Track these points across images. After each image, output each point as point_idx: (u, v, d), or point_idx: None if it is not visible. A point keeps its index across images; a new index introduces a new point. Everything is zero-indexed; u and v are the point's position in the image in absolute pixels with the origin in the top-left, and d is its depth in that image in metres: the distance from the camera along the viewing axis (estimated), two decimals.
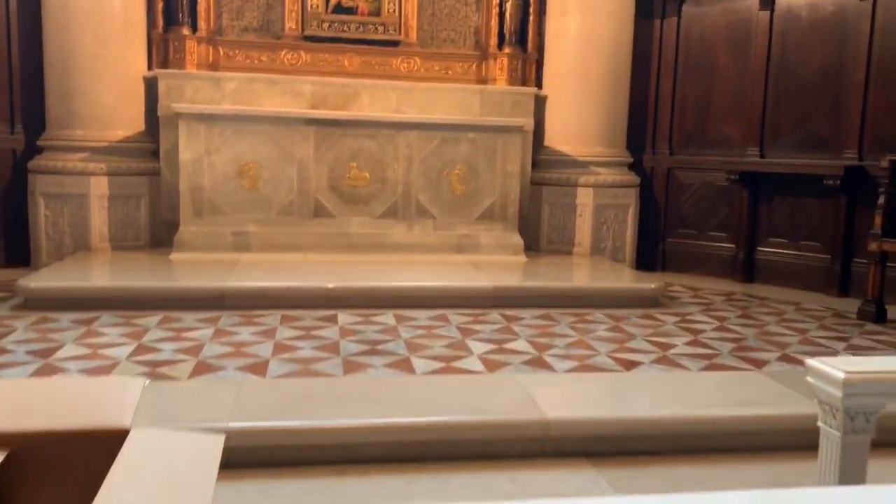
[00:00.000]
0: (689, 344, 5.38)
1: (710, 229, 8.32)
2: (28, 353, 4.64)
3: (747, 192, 7.90)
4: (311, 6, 8.28)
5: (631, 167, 8.42)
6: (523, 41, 8.58)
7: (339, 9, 8.39)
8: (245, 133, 7.24)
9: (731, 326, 5.98)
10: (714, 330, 5.85)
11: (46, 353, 4.64)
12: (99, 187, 7.28)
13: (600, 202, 8.11)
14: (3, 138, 7.42)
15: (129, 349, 4.78)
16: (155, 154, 7.80)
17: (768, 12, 7.70)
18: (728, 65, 8.06)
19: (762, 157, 7.84)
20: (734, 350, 5.25)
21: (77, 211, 7.26)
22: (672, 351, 5.16)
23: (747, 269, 7.98)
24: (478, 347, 5.05)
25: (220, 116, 7.20)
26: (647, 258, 8.51)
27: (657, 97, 8.48)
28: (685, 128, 8.40)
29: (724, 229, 8.23)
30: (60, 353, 4.64)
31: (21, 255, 7.47)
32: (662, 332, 5.69)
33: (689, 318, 6.24)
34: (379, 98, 8.18)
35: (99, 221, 7.34)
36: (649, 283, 6.91)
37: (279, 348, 4.90)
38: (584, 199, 8.10)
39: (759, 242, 7.97)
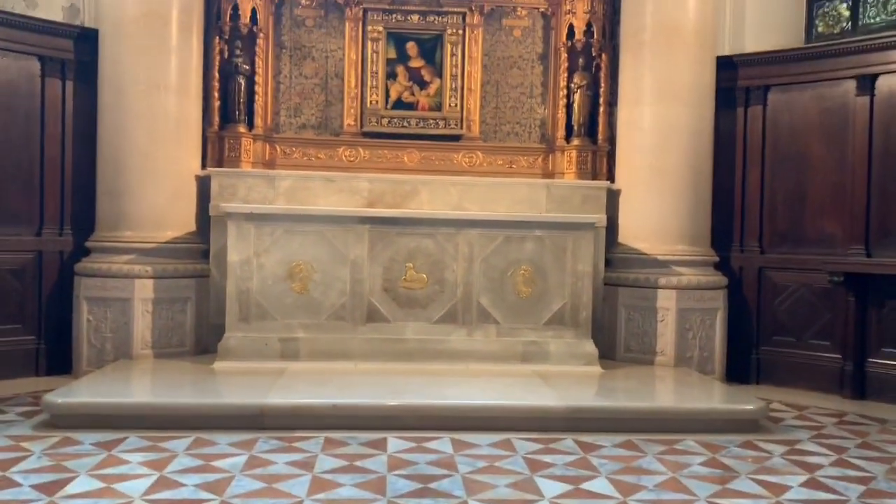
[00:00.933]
0: (805, 486, 4.44)
1: (811, 337, 7.35)
2: (34, 486, 4.09)
3: (853, 296, 6.96)
4: (371, 102, 7.99)
5: (717, 266, 7.61)
6: (593, 133, 8.05)
7: (399, 104, 8.08)
8: (296, 233, 6.81)
9: (852, 460, 5.00)
10: (833, 465, 4.89)
11: (54, 487, 4.07)
12: (143, 290, 6.91)
13: (684, 305, 7.28)
14: (51, 240, 7.19)
15: (147, 483, 4.17)
16: (205, 255, 7.45)
17: (867, 98, 6.98)
18: (823, 155, 7.30)
19: (869, 256, 6.94)
20: (864, 496, 4.28)
21: (120, 315, 6.88)
22: (786, 496, 4.24)
23: (857, 384, 6.96)
24: (549, 488, 4.25)
25: (270, 216, 6.81)
26: (739, 369, 7.57)
27: (744, 190, 7.73)
28: (777, 224, 7.58)
29: (827, 337, 7.25)
30: (69, 489, 4.06)
31: (63, 362, 7.12)
32: (770, 469, 4.77)
33: (798, 448, 5.28)
34: (439, 194, 7.70)
35: (142, 326, 6.93)
36: (748, 403, 5.98)
37: (317, 485, 4.21)
38: (666, 301, 7.29)
39: (870, 353, 6.96)
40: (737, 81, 7.69)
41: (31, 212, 7.11)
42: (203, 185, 7.46)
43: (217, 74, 7.66)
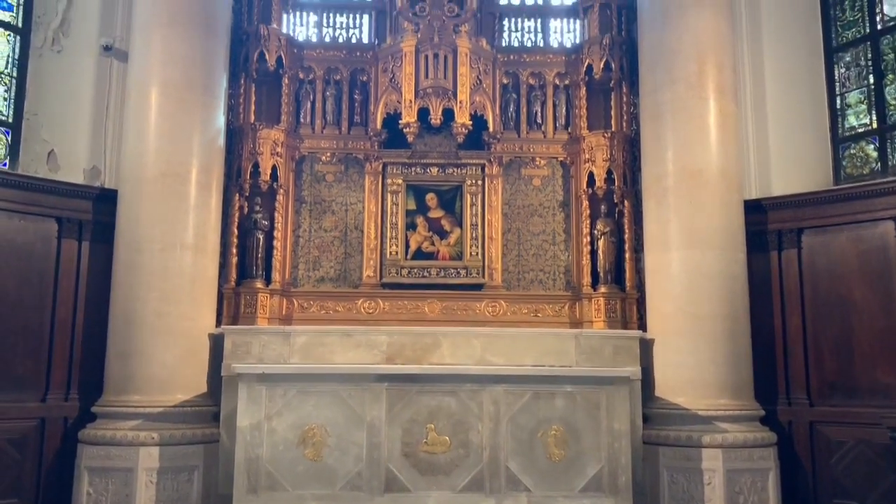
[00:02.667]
0: None
1: (877, 499, 6.64)
2: None
3: None
4: (390, 253, 7.84)
5: (763, 421, 7.03)
6: (620, 279, 7.76)
7: (419, 254, 7.92)
8: (310, 394, 6.44)
9: None
10: None
11: None
12: (148, 459, 6.48)
13: (732, 466, 6.66)
14: (56, 406, 6.89)
15: None
16: (215, 418, 7.06)
17: None
18: (867, 299, 6.90)
19: None
20: None
21: (122, 487, 6.43)
22: None
23: None
24: None
25: (283, 376, 6.50)
26: None
27: (785, 337, 7.29)
28: (824, 373, 7.07)
29: (894, 500, 6.54)
30: None
31: None
32: None
33: None
34: (461, 347, 7.34)
35: (145, 499, 6.44)
36: None
37: None
38: (712, 462, 6.67)
39: None
40: (767, 225, 7.45)
41: (38, 376, 6.86)
42: (216, 343, 7.19)
43: (236, 231, 7.60)
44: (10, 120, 7.32)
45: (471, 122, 7.72)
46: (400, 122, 7.70)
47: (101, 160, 7.44)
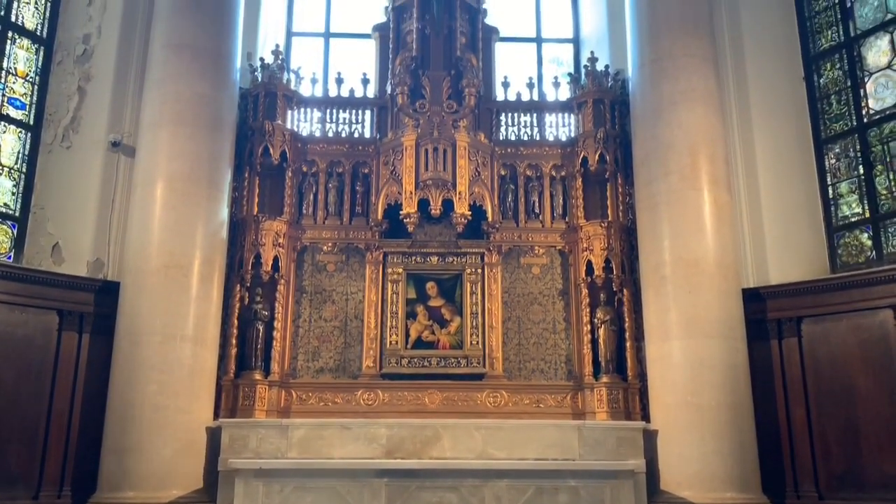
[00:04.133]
0: None
1: None
2: None
3: None
4: (390, 343, 7.82)
5: None
6: (622, 369, 7.72)
7: (419, 344, 7.89)
8: (308, 489, 6.31)
9: None
10: None
11: None
12: None
13: None
14: (48, 503, 6.70)
15: None
16: None
17: None
18: (871, 388, 6.85)
19: None
20: None
21: None
22: None
23: None
24: None
25: (280, 471, 6.37)
26: None
27: (790, 428, 7.20)
28: (832, 465, 6.95)
29: None
30: None
31: None
32: None
33: None
34: (462, 439, 7.22)
35: None
36: None
37: None
38: None
39: None
40: (766, 313, 7.47)
41: (31, 471, 6.73)
42: (214, 437, 7.09)
43: (236, 322, 7.61)
44: (17, 214, 7.44)
45: (470, 213, 7.85)
46: (401, 212, 7.84)
47: (105, 253, 7.52)
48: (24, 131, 7.62)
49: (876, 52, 7.63)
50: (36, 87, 7.77)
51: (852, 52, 7.79)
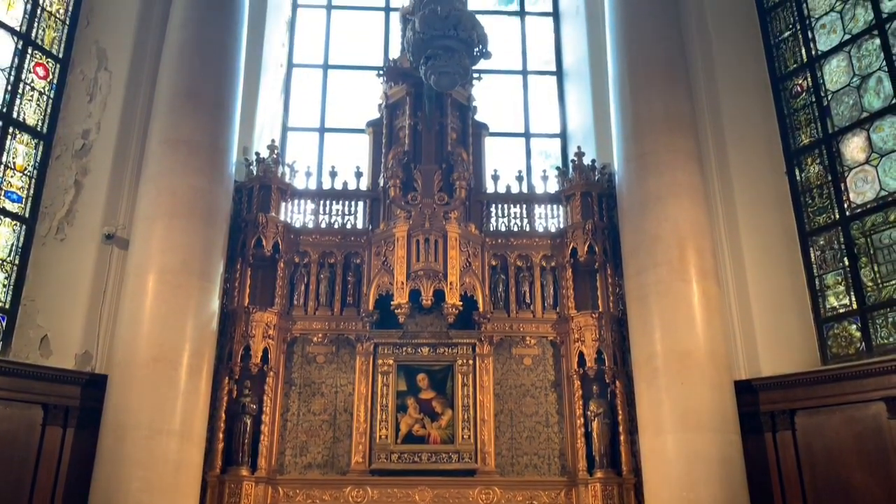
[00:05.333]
0: None
1: None
2: None
3: None
4: (380, 437, 7.69)
5: None
6: (616, 463, 7.60)
7: (409, 438, 7.77)
8: None
9: None
10: None
11: None
12: None
13: None
14: None
15: None
16: None
17: None
18: (868, 484, 6.75)
19: None
20: None
21: None
22: None
23: None
24: None
25: None
26: None
27: None
28: None
29: None
30: None
31: None
32: None
33: None
34: None
35: None
36: None
37: None
38: None
39: None
40: (759, 406, 7.42)
41: None
42: None
43: (223, 415, 7.51)
44: (7, 306, 7.42)
45: (461, 303, 7.88)
46: (392, 303, 7.85)
47: (94, 345, 7.45)
48: (19, 224, 7.68)
49: (854, 148, 7.86)
50: (33, 180, 7.89)
51: (831, 148, 8.03)
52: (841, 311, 7.69)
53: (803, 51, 8.54)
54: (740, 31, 8.96)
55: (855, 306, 7.58)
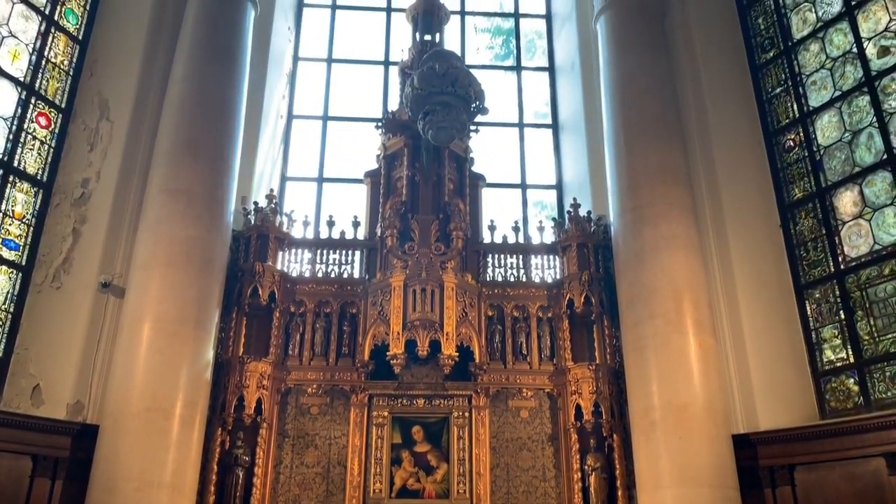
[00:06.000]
0: None
1: None
2: None
3: None
4: (374, 491, 7.58)
5: None
6: None
7: (404, 492, 7.67)
8: None
9: None
10: None
11: None
12: None
13: None
14: None
15: None
16: None
17: None
18: None
19: None
20: None
21: None
22: None
23: None
24: None
25: None
26: None
27: None
28: None
29: None
30: None
31: None
32: None
33: None
34: None
35: None
36: None
37: None
38: None
39: None
40: (758, 460, 7.32)
41: None
42: None
43: (215, 467, 7.40)
44: (1, 355, 7.35)
45: (457, 354, 7.84)
46: (387, 353, 7.81)
47: (86, 395, 7.37)
48: (15, 272, 7.67)
49: (847, 202, 7.93)
50: (31, 228, 7.90)
51: (825, 202, 8.09)
52: (838, 364, 7.65)
53: (795, 106, 8.68)
54: (733, 86, 9.12)
55: (852, 360, 7.55)
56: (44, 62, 8.38)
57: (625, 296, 8.04)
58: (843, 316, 7.72)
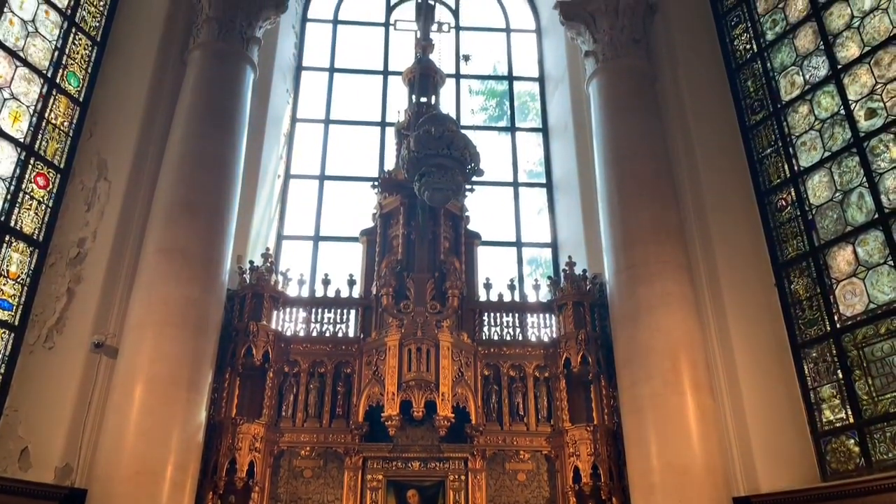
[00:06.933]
0: None
1: None
2: None
3: None
4: None
5: None
6: None
7: None
8: None
9: None
10: None
11: None
12: None
13: None
14: None
15: None
16: None
17: None
18: None
19: None
20: None
21: None
22: None
23: None
24: None
25: None
26: None
27: None
28: None
29: None
30: None
31: None
32: None
33: None
34: None
35: None
36: None
37: None
38: None
39: None
40: None
41: None
42: None
43: None
44: None
45: (453, 415, 7.74)
46: (382, 414, 7.71)
47: (76, 458, 7.22)
48: (7, 332, 7.60)
49: (841, 261, 7.95)
50: (26, 287, 7.86)
51: (818, 261, 8.12)
52: (838, 425, 7.56)
53: (786, 166, 8.78)
54: (725, 146, 9.24)
55: (852, 420, 7.47)
56: (44, 123, 8.47)
57: (621, 355, 8.00)
58: (840, 375, 7.66)
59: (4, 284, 7.74)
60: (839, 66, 8.45)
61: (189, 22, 9.61)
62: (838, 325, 7.80)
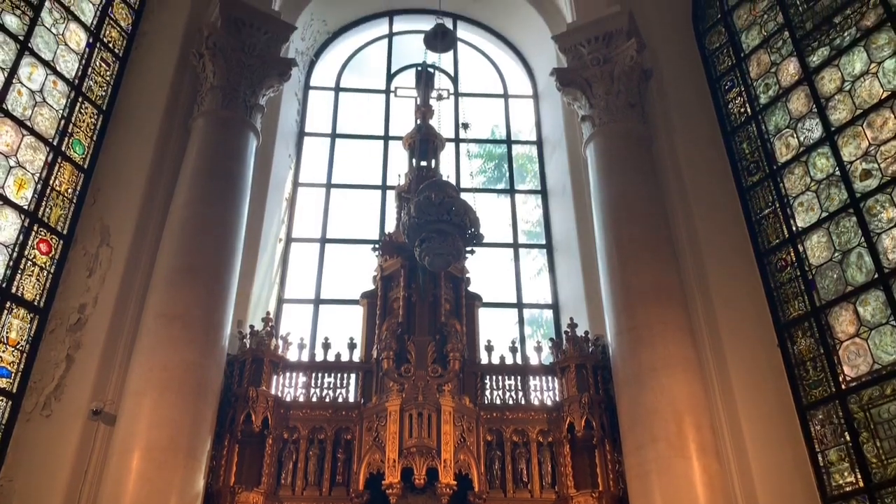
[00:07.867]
0: None
1: None
2: None
3: None
4: None
5: None
6: None
7: None
8: None
9: None
10: None
11: None
12: None
13: None
14: None
15: None
16: None
17: None
18: None
19: None
20: None
21: None
22: None
23: None
24: None
25: None
26: None
27: None
28: None
29: None
30: None
31: None
32: None
33: None
34: None
35: None
36: None
37: None
38: None
39: None
40: None
41: None
42: None
43: None
44: None
45: (455, 483, 7.59)
46: (383, 482, 7.56)
47: None
48: (5, 399, 7.52)
49: (843, 321, 7.92)
50: (25, 354, 7.82)
51: (820, 321, 8.09)
52: (847, 489, 7.41)
53: (784, 227, 8.84)
54: (722, 207, 9.33)
55: (861, 484, 7.32)
56: (49, 191, 8.57)
57: (625, 418, 7.90)
58: (847, 438, 7.55)
59: (3, 351, 7.69)
60: (833, 129, 8.60)
61: (193, 90, 9.82)
62: (843, 387, 7.72)
